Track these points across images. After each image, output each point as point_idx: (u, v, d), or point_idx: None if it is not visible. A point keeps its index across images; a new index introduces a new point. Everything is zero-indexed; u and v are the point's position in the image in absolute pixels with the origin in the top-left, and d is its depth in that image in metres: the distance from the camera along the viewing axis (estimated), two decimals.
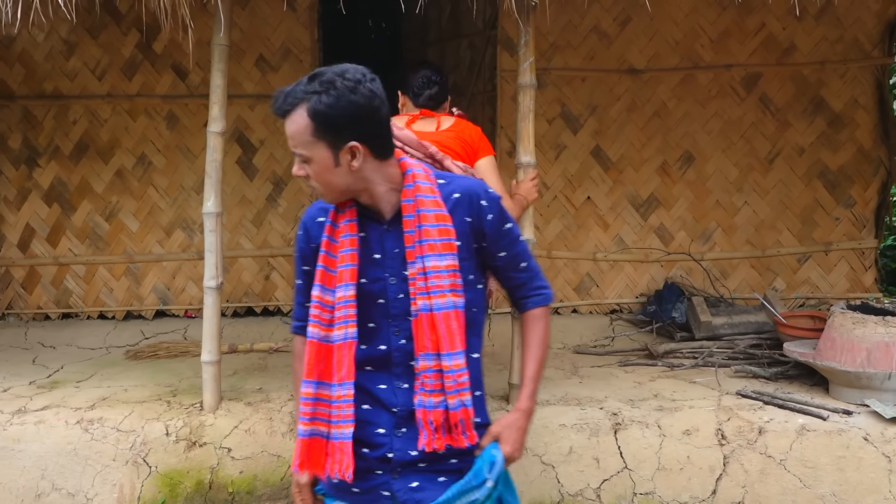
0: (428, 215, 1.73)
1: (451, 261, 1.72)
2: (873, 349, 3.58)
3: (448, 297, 1.71)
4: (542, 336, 1.90)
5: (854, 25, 4.99)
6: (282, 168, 5.23)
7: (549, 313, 1.94)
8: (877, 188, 5.16)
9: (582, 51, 5.02)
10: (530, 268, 1.90)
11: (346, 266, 1.75)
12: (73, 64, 5.12)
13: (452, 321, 1.71)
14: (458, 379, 1.72)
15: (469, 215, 1.78)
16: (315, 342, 1.77)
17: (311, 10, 5.06)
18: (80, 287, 5.32)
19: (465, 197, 1.78)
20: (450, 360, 1.71)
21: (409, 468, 1.78)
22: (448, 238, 1.73)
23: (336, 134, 1.66)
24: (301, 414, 1.77)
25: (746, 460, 3.41)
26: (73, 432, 3.63)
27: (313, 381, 1.76)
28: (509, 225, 1.84)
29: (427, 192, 1.75)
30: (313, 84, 1.65)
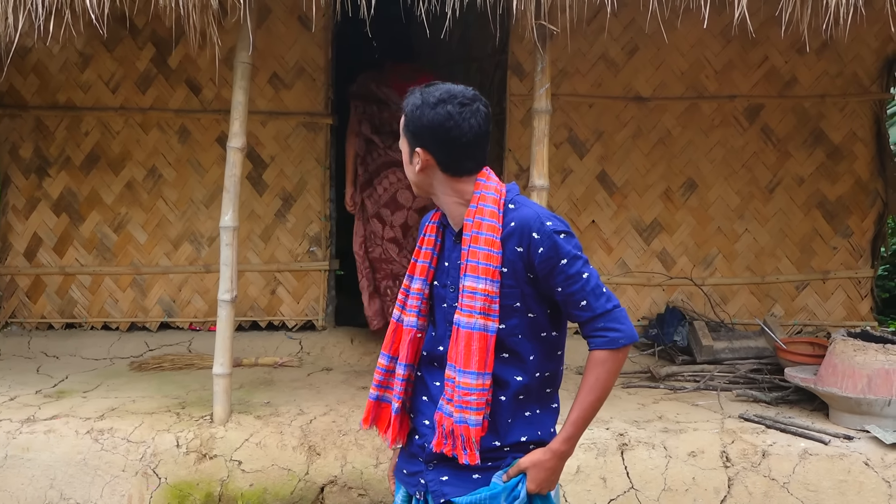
0: (480, 238, 1.81)
1: (487, 286, 1.80)
2: (874, 376, 3.67)
3: (475, 319, 1.80)
4: (596, 381, 1.81)
5: (854, 61, 5.14)
6: (291, 184, 5.29)
7: (613, 358, 1.81)
8: (873, 219, 5.29)
9: (590, 78, 5.14)
10: (592, 307, 1.80)
11: (422, 262, 1.95)
12: (87, 76, 5.18)
13: (474, 342, 1.80)
14: (464, 396, 1.80)
15: (520, 245, 1.82)
16: (394, 322, 2.00)
17: (326, 30, 5.15)
18: (85, 297, 5.33)
19: (518, 227, 1.82)
20: (461, 377, 1.81)
21: (442, 461, 1.90)
22: (490, 264, 1.80)
23: (412, 136, 1.87)
24: (374, 380, 2.04)
25: (750, 483, 3.48)
26: (83, 442, 3.65)
27: (388, 354, 2.01)
28: (565, 261, 1.79)
29: (488, 216, 1.83)
30: (419, 91, 1.86)
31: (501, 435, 1.88)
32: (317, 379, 4.61)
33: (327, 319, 5.41)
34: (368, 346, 5.17)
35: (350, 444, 3.66)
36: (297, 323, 5.38)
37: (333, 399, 4.13)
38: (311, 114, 5.25)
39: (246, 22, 3.39)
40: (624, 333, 1.81)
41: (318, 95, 5.25)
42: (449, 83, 1.86)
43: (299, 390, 4.33)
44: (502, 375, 1.86)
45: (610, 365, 1.81)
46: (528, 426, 1.90)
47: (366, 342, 5.22)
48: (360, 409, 3.92)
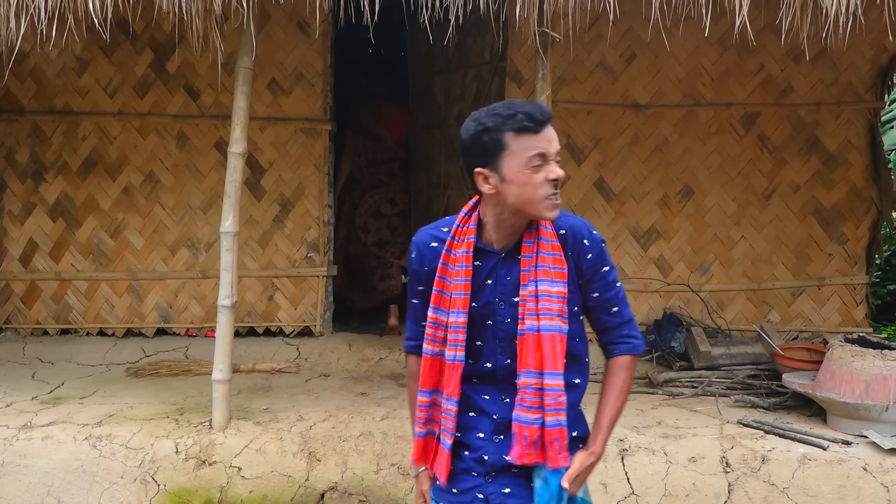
0: (545, 244, 1.88)
1: (562, 288, 1.86)
2: (871, 381, 3.69)
3: (556, 321, 1.85)
4: (623, 385, 1.94)
5: (848, 70, 5.19)
6: (290, 190, 5.29)
7: (634, 364, 1.97)
8: (868, 226, 5.33)
9: (588, 85, 5.16)
10: (622, 314, 1.95)
11: (459, 294, 1.90)
12: (84, 81, 5.17)
13: (557, 343, 1.85)
14: (557, 398, 1.84)
15: (571, 251, 1.90)
16: (429, 358, 1.96)
17: (325, 36, 5.16)
18: (80, 303, 5.30)
19: (569, 233, 1.90)
20: (552, 380, 1.84)
21: (502, 473, 1.92)
22: (561, 267, 1.87)
23: (469, 161, 1.92)
24: (417, 419, 1.99)
25: (750, 488, 3.49)
26: (81, 448, 3.63)
27: (428, 390, 1.97)
28: (607, 268, 1.93)
29: (547, 224, 1.90)
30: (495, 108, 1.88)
31: None
32: (315, 385, 4.59)
33: (325, 325, 5.40)
34: (366, 352, 5.17)
35: (350, 450, 3.65)
36: (295, 329, 5.37)
37: (332, 405, 4.12)
38: (310, 119, 5.25)
39: (249, 27, 3.39)
40: (641, 340, 1.98)
41: (317, 101, 5.25)
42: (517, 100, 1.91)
43: (298, 396, 4.31)
44: (568, 377, 1.91)
45: (631, 371, 1.94)
46: (577, 422, 1.98)
47: (363, 348, 5.22)
48: (359, 415, 3.92)
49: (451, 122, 6.03)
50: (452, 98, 6.02)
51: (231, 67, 3.92)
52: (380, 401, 4.24)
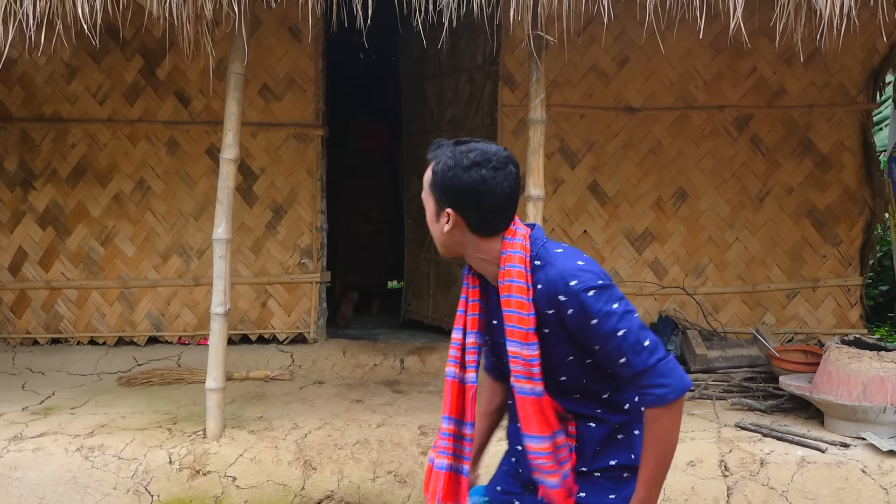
0: (511, 301, 1.76)
1: (523, 350, 1.76)
2: (869, 383, 3.69)
3: (524, 384, 1.78)
4: (654, 440, 1.71)
5: (840, 72, 5.20)
6: (282, 196, 5.25)
7: (666, 414, 1.69)
8: (861, 227, 5.34)
9: (581, 88, 5.16)
10: (632, 364, 1.69)
11: (473, 315, 1.89)
12: (74, 88, 5.12)
13: (528, 406, 1.78)
14: (534, 461, 1.80)
15: (550, 308, 1.74)
16: (454, 382, 1.90)
17: (317, 41, 5.14)
18: (71, 312, 5.24)
19: (545, 290, 1.74)
20: (526, 441, 1.80)
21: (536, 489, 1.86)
22: (522, 327, 1.75)
23: (441, 196, 1.79)
24: (441, 448, 1.90)
25: (749, 492, 3.47)
26: (73, 460, 3.58)
27: (454, 418, 1.90)
28: (595, 321, 1.69)
29: (516, 277, 1.77)
30: (449, 149, 1.79)
31: (588, 461, 1.84)
32: (309, 392, 4.55)
33: (319, 332, 5.36)
34: (361, 359, 5.13)
35: (346, 458, 3.61)
36: (288, 336, 5.33)
37: (328, 412, 4.08)
38: (302, 125, 5.22)
39: (241, 32, 3.36)
40: (671, 388, 1.67)
41: (309, 107, 5.22)
42: (481, 143, 1.79)
43: (292, 404, 4.27)
44: (580, 410, 1.84)
45: (664, 421, 1.70)
46: (618, 450, 1.85)
47: (358, 354, 5.18)
48: (355, 423, 3.88)
49: (444, 127, 6.01)
50: (445, 102, 6.01)
51: (222, 73, 3.89)
52: (375, 408, 4.20)
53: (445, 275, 6.06)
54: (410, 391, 4.59)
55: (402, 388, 4.68)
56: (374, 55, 9.02)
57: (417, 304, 6.42)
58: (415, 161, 6.48)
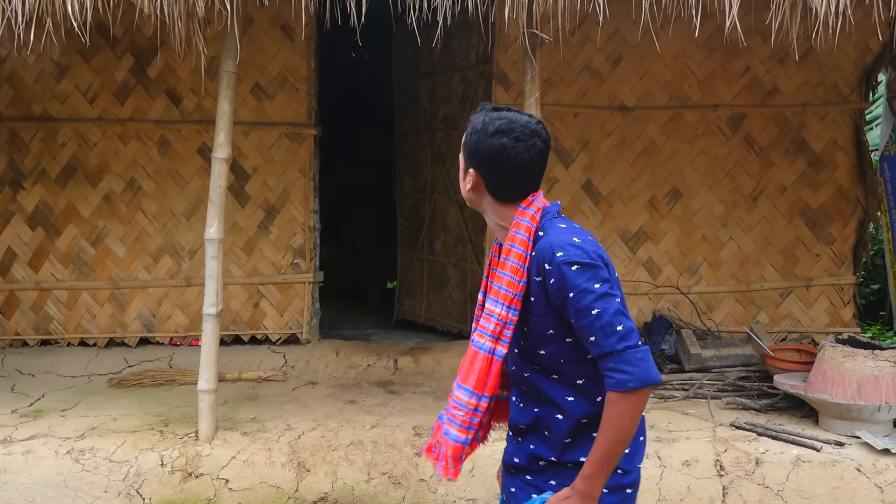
0: (506, 264, 1.83)
1: (503, 311, 1.81)
2: (863, 382, 3.69)
3: (485, 340, 1.84)
4: (608, 421, 1.71)
5: (833, 71, 5.21)
6: (274, 196, 5.22)
7: (624, 400, 1.69)
8: (854, 226, 5.35)
9: (574, 87, 5.14)
10: (600, 344, 1.70)
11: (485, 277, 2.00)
12: (63, 87, 5.07)
13: (477, 361, 1.85)
14: (453, 410, 1.89)
15: (539, 275, 1.79)
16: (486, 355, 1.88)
17: (309, 40, 5.11)
18: (61, 313, 5.19)
19: (536, 257, 1.80)
20: (457, 391, 1.89)
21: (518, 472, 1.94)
22: (510, 290, 1.81)
23: (467, 156, 1.90)
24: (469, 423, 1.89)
25: (745, 491, 3.46)
26: (64, 463, 3.53)
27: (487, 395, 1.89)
28: (572, 294, 1.72)
29: (517, 244, 1.83)
30: (484, 113, 1.88)
31: (557, 451, 1.85)
32: (302, 393, 4.52)
33: (312, 332, 5.33)
34: (354, 359, 5.10)
35: (340, 460, 3.59)
36: (281, 336, 5.30)
37: (321, 413, 4.05)
38: (295, 124, 5.19)
39: (233, 30, 3.33)
40: (633, 377, 1.67)
41: (302, 106, 5.19)
42: (513, 112, 1.84)
43: (285, 405, 4.24)
44: (553, 395, 1.86)
45: (621, 407, 1.69)
46: (583, 447, 1.83)
47: (351, 355, 5.15)
48: (348, 424, 3.85)
49: (437, 126, 5.99)
50: (438, 102, 5.99)
51: (214, 72, 3.85)
52: (369, 408, 4.17)
53: (439, 274, 6.04)
54: (404, 392, 4.56)
55: (396, 388, 4.65)
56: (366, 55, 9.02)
57: (411, 303, 6.40)
58: (407, 161, 6.46)
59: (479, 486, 3.48)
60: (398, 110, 6.57)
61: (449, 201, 5.87)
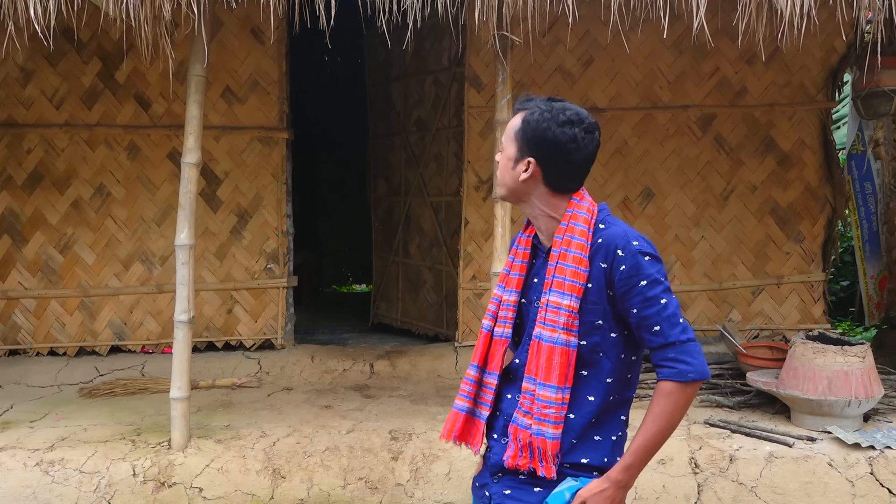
0: (568, 255, 1.84)
1: (571, 301, 1.82)
2: (834, 378, 3.74)
3: (558, 334, 1.82)
4: (661, 412, 1.76)
5: (800, 71, 5.28)
6: (246, 200, 5.17)
7: (681, 391, 1.75)
8: (823, 224, 5.43)
9: (547, 89, 5.15)
10: (665, 334, 1.76)
11: (516, 275, 1.98)
12: (29, 91, 4.98)
13: (556, 356, 1.82)
14: (543, 409, 1.82)
15: (605, 262, 1.82)
16: (487, 334, 2.00)
17: (280, 43, 5.07)
18: (29, 322, 5.10)
19: (605, 244, 1.82)
20: (542, 390, 1.83)
21: (506, 474, 1.91)
22: (576, 281, 1.82)
23: (527, 145, 1.87)
24: (463, 392, 2.00)
25: (719, 488, 3.49)
26: (33, 475, 3.47)
27: (478, 365, 1.99)
28: (644, 283, 1.77)
29: (578, 234, 1.85)
30: (545, 102, 1.88)
31: (563, 452, 1.86)
32: (278, 399, 4.48)
33: (286, 337, 5.29)
34: (329, 364, 5.07)
35: (316, 466, 3.56)
36: (255, 342, 5.25)
37: (296, 419, 4.02)
38: (266, 128, 5.15)
39: (200, 34, 3.29)
40: (694, 368, 1.75)
41: (273, 109, 5.15)
42: (574, 105, 1.88)
43: (260, 412, 4.20)
44: (577, 394, 1.85)
45: (677, 398, 1.75)
46: (593, 450, 1.86)
47: (327, 359, 5.12)
48: (324, 429, 3.82)
49: (411, 129, 5.98)
50: (411, 104, 5.98)
51: (183, 76, 3.81)
52: (345, 413, 4.15)
53: (414, 277, 6.03)
54: (381, 396, 4.54)
55: (373, 392, 4.63)
56: (339, 58, 8.99)
57: (386, 307, 6.38)
58: (381, 164, 6.44)
59: (456, 490, 3.48)
60: (371, 113, 6.55)
61: (423, 204, 5.86)
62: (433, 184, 5.75)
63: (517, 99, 1.93)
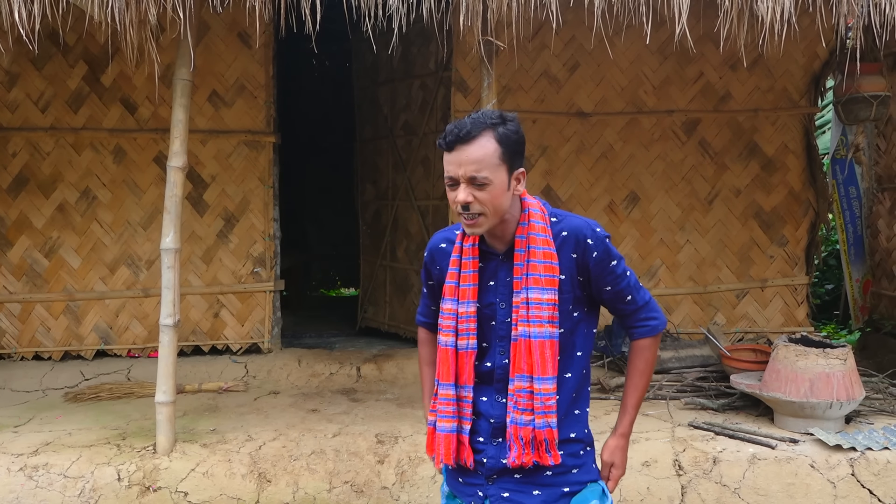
0: (537, 252, 1.89)
1: (552, 295, 1.89)
2: (815, 380, 3.78)
3: (545, 328, 1.89)
4: (644, 366, 2.01)
5: (783, 77, 5.34)
6: (233, 204, 5.17)
7: (656, 344, 2.02)
8: (806, 228, 5.49)
9: (533, 94, 5.19)
10: (636, 300, 1.98)
11: (468, 285, 1.96)
12: (14, 95, 4.96)
13: (547, 349, 1.89)
14: (545, 402, 1.89)
15: (575, 252, 1.92)
16: (449, 350, 1.98)
17: (267, 47, 5.07)
18: (14, 326, 5.07)
19: (571, 235, 1.91)
20: (540, 384, 1.89)
21: (504, 476, 1.95)
22: (552, 274, 1.89)
23: (513, 159, 1.85)
24: (444, 413, 1.98)
25: (703, 490, 3.52)
26: (16, 480, 3.45)
27: (453, 383, 1.98)
28: (615, 262, 1.94)
29: (539, 231, 1.90)
30: (491, 117, 1.83)
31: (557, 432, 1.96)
32: (264, 403, 4.48)
33: (273, 341, 5.29)
34: (316, 368, 5.07)
35: (302, 469, 3.56)
36: (242, 346, 5.24)
37: (282, 423, 4.02)
38: (253, 132, 5.15)
39: (186, 38, 3.29)
40: (660, 320, 2.02)
41: (260, 113, 5.15)
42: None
43: (246, 415, 4.20)
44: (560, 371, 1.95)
45: (653, 349, 2.01)
46: (576, 423, 1.99)
47: (314, 363, 5.12)
48: (310, 433, 3.82)
49: (398, 133, 6.00)
50: (398, 108, 6.00)
51: (169, 79, 3.81)
52: (331, 417, 4.15)
53: (402, 281, 6.04)
54: (367, 399, 4.55)
55: (359, 396, 4.63)
56: (327, 62, 9.00)
57: (374, 311, 6.38)
58: (368, 168, 6.45)
59: None
60: (359, 117, 6.56)
61: (410, 208, 5.87)
62: (420, 188, 5.76)
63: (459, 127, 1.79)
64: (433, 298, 2.13)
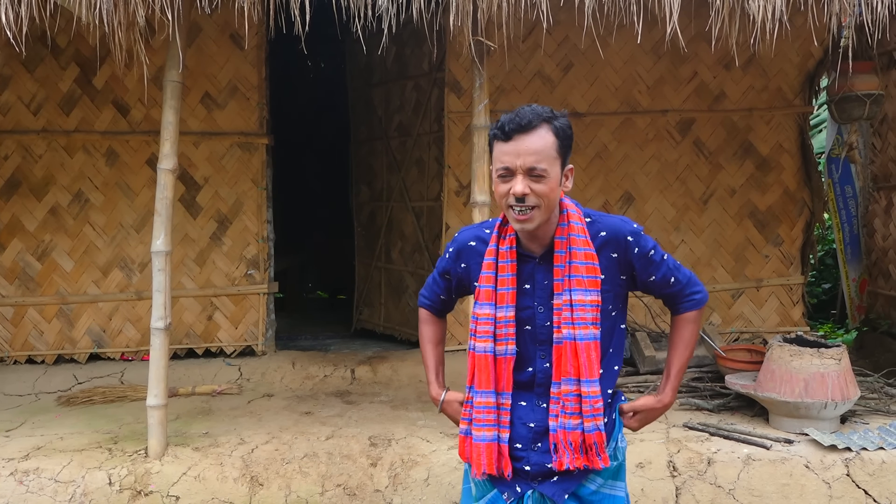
0: (578, 253, 1.89)
1: (595, 296, 1.89)
2: (810, 380, 3.76)
3: (589, 329, 1.89)
4: (690, 337, 2.04)
5: (778, 76, 5.33)
6: (226, 206, 5.15)
7: (699, 316, 2.06)
8: (802, 227, 5.47)
9: (526, 94, 5.17)
10: (679, 280, 2.02)
11: (506, 289, 1.92)
12: (6, 98, 4.93)
13: (592, 351, 1.88)
14: (594, 405, 1.88)
15: (615, 252, 1.93)
16: (490, 356, 1.93)
17: (259, 48, 5.05)
18: (6, 330, 5.04)
19: (611, 235, 1.93)
20: (588, 387, 1.88)
21: (545, 481, 1.95)
22: (594, 275, 1.89)
23: (566, 154, 1.86)
24: (482, 421, 1.93)
25: (697, 491, 3.51)
26: (6, 485, 3.43)
27: (492, 391, 1.94)
28: (653, 252, 1.97)
29: (578, 232, 1.90)
30: (545, 110, 1.83)
31: None
32: (258, 406, 4.46)
33: (267, 344, 5.27)
34: (310, 370, 5.05)
35: (294, 473, 3.54)
36: (236, 349, 5.22)
37: (276, 426, 4.00)
38: (246, 134, 5.13)
39: (175, 40, 3.27)
40: (703, 293, 2.07)
41: (253, 115, 5.13)
42: None
43: (240, 419, 4.18)
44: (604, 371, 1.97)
45: (699, 321, 2.06)
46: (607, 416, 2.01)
47: (308, 366, 5.10)
48: (303, 436, 3.81)
49: (392, 134, 5.98)
50: (392, 109, 5.98)
51: (161, 81, 3.78)
52: (325, 420, 4.13)
53: (397, 283, 6.02)
54: (361, 402, 4.53)
55: (353, 398, 4.61)
56: (322, 63, 8.98)
57: (369, 312, 6.37)
58: (363, 169, 6.44)
59: (435, 496, 3.47)
60: (353, 118, 6.55)
61: (405, 209, 5.86)
62: (415, 189, 5.75)
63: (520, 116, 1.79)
64: (446, 291, 2.12)
